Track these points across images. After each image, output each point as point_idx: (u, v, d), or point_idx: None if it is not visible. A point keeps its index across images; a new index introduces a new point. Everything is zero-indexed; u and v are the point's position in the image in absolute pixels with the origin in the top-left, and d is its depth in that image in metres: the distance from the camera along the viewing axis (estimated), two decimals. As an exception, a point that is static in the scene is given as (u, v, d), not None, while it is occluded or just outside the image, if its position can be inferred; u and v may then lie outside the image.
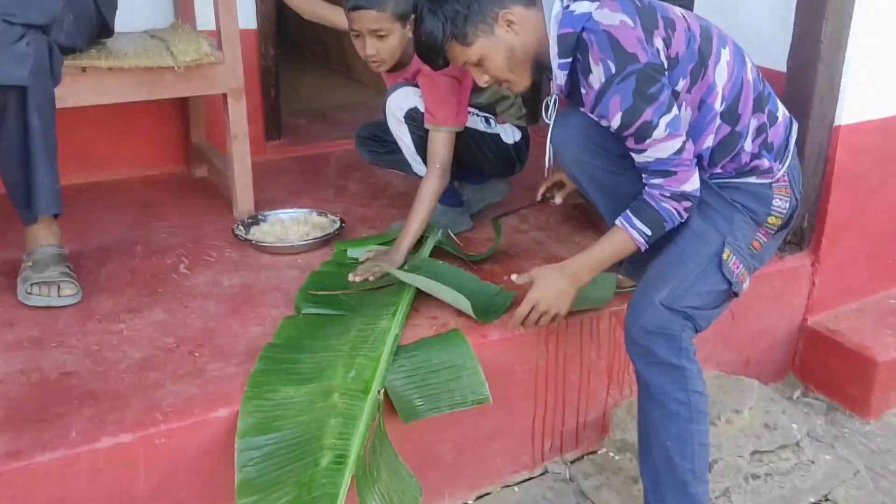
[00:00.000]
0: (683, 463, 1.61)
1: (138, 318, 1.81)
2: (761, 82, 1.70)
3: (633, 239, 1.63)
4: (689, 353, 1.62)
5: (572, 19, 1.57)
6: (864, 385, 2.20)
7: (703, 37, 1.61)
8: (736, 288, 1.68)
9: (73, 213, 2.26)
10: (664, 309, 1.61)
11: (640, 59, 1.52)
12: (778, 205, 1.70)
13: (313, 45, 5.31)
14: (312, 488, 1.38)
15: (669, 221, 1.62)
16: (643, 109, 1.53)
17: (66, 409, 1.47)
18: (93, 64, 2.07)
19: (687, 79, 1.59)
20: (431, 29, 1.62)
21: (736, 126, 1.65)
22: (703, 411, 1.63)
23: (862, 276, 2.38)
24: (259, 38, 2.96)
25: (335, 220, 2.33)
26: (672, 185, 1.59)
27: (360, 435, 1.47)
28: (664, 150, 1.57)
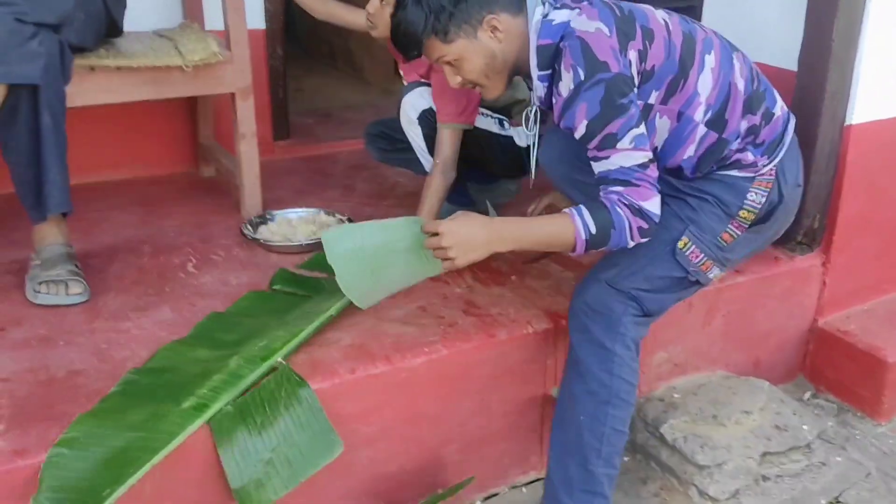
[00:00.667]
0: (592, 441, 1.62)
1: (146, 316, 1.81)
2: (755, 80, 1.65)
3: (575, 229, 1.52)
4: (625, 339, 1.61)
5: (551, 29, 1.54)
6: (875, 386, 2.18)
7: (684, 46, 1.57)
8: (696, 277, 1.67)
9: (81, 212, 2.25)
10: (608, 287, 1.62)
11: (611, 69, 1.47)
12: (753, 199, 1.64)
13: (321, 45, 5.31)
14: (161, 421, 1.43)
15: (618, 231, 1.51)
16: (609, 120, 1.49)
17: (74, 408, 1.46)
18: (102, 63, 2.07)
19: (662, 91, 1.56)
20: (413, 19, 1.57)
21: (723, 133, 1.61)
22: (625, 399, 1.63)
23: (873, 276, 2.36)
24: (267, 38, 2.96)
25: (343, 219, 2.33)
26: (632, 195, 1.51)
27: (232, 392, 1.51)
28: (629, 159, 1.51)
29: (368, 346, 1.70)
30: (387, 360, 1.66)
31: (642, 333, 1.68)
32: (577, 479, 1.64)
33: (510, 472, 1.90)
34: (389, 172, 2.87)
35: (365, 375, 1.63)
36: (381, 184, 2.78)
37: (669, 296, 1.69)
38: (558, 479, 1.66)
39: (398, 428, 1.70)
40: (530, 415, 1.88)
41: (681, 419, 1.93)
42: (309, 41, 5.54)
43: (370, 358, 1.66)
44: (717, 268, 1.69)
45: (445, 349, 1.71)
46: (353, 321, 1.81)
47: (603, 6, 1.54)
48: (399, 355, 1.68)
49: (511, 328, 1.80)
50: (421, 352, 1.70)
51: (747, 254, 1.78)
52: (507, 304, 1.90)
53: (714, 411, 1.95)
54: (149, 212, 2.46)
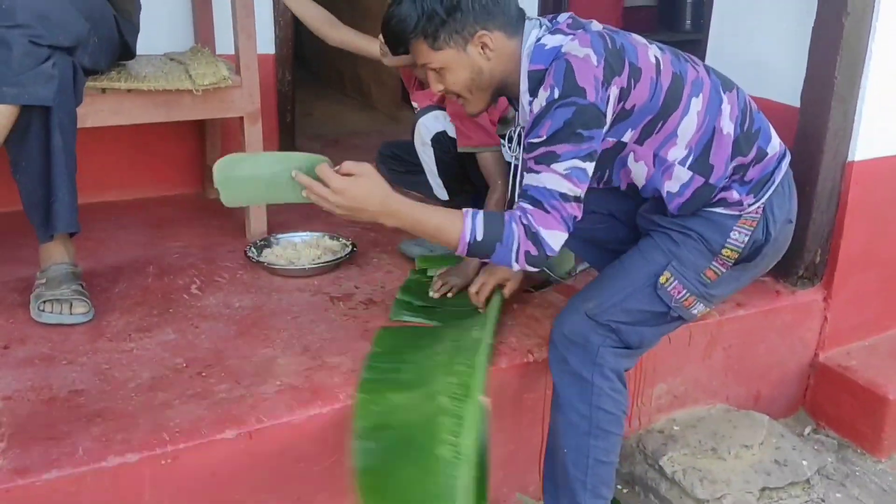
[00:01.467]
0: (576, 473, 1.62)
1: (148, 337, 1.82)
2: (747, 121, 1.63)
3: (462, 229, 1.49)
4: (602, 370, 1.61)
5: (542, 54, 1.52)
6: (875, 423, 2.17)
7: (671, 88, 1.55)
8: (678, 312, 1.66)
9: (87, 232, 2.26)
10: (587, 318, 1.62)
11: (587, 96, 1.45)
12: (736, 238, 1.63)
13: (329, 70, 5.36)
14: (437, 476, 1.43)
15: (504, 246, 1.48)
16: (561, 141, 1.46)
17: (74, 427, 1.47)
18: (113, 85, 2.10)
19: (637, 131, 1.56)
20: (405, 16, 1.54)
21: (710, 178, 1.60)
22: (607, 430, 1.62)
23: (875, 312, 2.36)
24: (277, 63, 3.00)
25: (347, 243, 2.34)
26: (535, 218, 1.48)
27: (470, 435, 1.49)
28: (556, 184, 1.48)
29: (369, 371, 1.71)
30: (387, 386, 1.67)
31: (625, 364, 1.67)
32: None
33: (509, 499, 1.89)
34: (394, 198, 2.89)
35: (365, 401, 1.63)
36: (385, 209, 2.79)
37: (650, 329, 1.67)
38: None
39: (397, 454, 1.70)
40: (529, 443, 1.87)
41: (680, 452, 1.93)
42: (318, 67, 5.59)
43: (371, 384, 1.66)
44: (700, 304, 1.67)
45: (446, 376, 1.72)
46: (355, 346, 1.81)
47: (597, 36, 1.52)
48: (400, 381, 1.68)
49: (512, 356, 1.80)
50: (421, 378, 1.70)
51: (734, 289, 1.77)
52: (508, 332, 1.91)
53: (714, 444, 1.95)
54: (155, 233, 2.47)
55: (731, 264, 1.66)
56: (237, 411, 1.54)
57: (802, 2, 2.07)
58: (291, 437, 1.56)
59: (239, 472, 1.52)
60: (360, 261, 2.31)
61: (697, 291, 1.65)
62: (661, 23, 4.65)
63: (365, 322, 1.95)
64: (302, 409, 1.57)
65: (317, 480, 1.61)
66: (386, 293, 2.11)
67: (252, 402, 1.57)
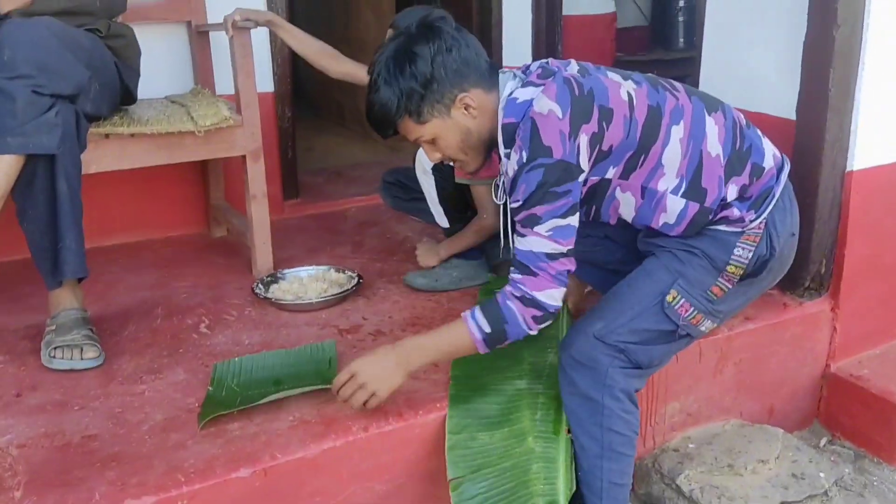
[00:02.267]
0: (591, 497, 1.63)
1: (160, 378, 1.83)
2: (737, 140, 1.64)
3: (470, 332, 1.56)
4: (613, 391, 1.61)
5: (515, 108, 1.54)
6: (891, 431, 2.16)
7: (648, 122, 1.56)
8: (686, 330, 1.66)
9: (95, 276, 2.28)
10: (595, 340, 1.62)
11: (553, 154, 1.48)
12: (740, 254, 1.63)
13: (330, 104, 5.42)
14: None
15: (511, 325, 1.54)
16: (538, 202, 1.49)
17: (89, 473, 1.47)
18: (115, 130, 2.13)
19: (620, 167, 1.57)
20: (385, 101, 1.55)
21: (704, 202, 1.61)
22: (619, 451, 1.62)
23: (883, 320, 2.36)
24: (276, 101, 3.03)
25: (353, 276, 2.35)
26: (527, 285, 1.53)
27: (562, 478, 1.58)
28: (541, 246, 1.52)
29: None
30: (399, 417, 1.66)
31: (635, 385, 1.67)
32: None
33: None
34: (399, 228, 2.91)
35: (378, 433, 1.63)
36: (389, 239, 2.81)
37: (659, 348, 1.67)
38: None
39: (412, 485, 1.69)
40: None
41: (696, 469, 1.91)
42: (318, 101, 5.65)
43: (383, 415, 1.66)
44: (708, 321, 1.68)
45: (458, 404, 1.72)
46: (365, 378, 1.82)
47: (563, 85, 1.52)
48: (412, 412, 1.68)
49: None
50: (433, 407, 1.70)
51: (741, 304, 1.77)
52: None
53: (730, 461, 1.93)
54: (162, 274, 2.49)
55: (737, 280, 1.67)
56: (251, 448, 1.55)
57: (793, 15, 2.09)
58: (306, 472, 1.56)
59: (254, 509, 1.52)
60: (366, 292, 2.32)
61: (704, 308, 1.66)
62: (654, 41, 4.70)
63: (374, 353, 1.95)
64: (315, 443, 1.57)
65: (333, 515, 1.60)
66: (394, 323, 2.12)
67: (265, 438, 1.58)
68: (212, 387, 1.77)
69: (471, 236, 2.28)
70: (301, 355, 1.90)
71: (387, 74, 1.54)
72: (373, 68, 1.58)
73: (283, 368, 1.84)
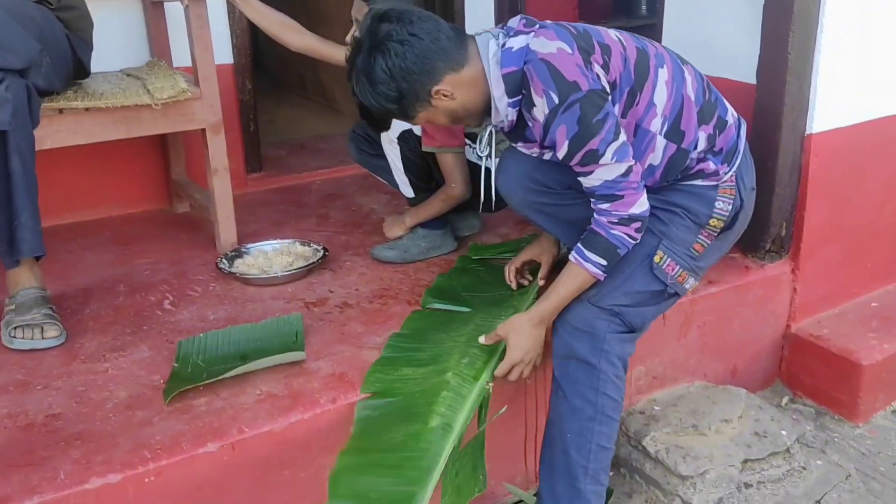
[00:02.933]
0: (579, 458, 1.65)
1: (123, 356, 1.81)
2: (706, 91, 1.71)
3: (588, 272, 1.64)
4: (609, 356, 1.65)
5: (512, 56, 1.56)
6: (850, 389, 2.21)
7: (638, 61, 1.62)
8: (674, 289, 1.72)
9: (54, 254, 2.25)
10: (591, 306, 1.67)
11: (581, 87, 1.51)
12: (721, 207, 1.71)
13: (292, 76, 5.34)
14: (420, 442, 1.52)
15: (623, 247, 1.62)
16: (589, 138, 1.53)
17: (54, 452, 1.46)
18: (70, 105, 2.08)
19: (622, 102, 1.60)
20: (372, 112, 1.63)
21: (682, 143, 1.66)
22: (610, 416, 1.67)
23: (842, 280, 2.41)
24: (236, 73, 2.98)
25: (318, 249, 2.33)
26: (619, 209, 1.59)
27: (465, 412, 1.60)
28: (611, 172, 1.57)
29: (349, 374, 1.71)
30: (367, 388, 1.67)
31: (629, 350, 1.72)
32: (566, 498, 1.66)
33: (497, 492, 1.90)
34: (364, 200, 2.89)
35: (346, 404, 1.63)
36: (355, 212, 2.79)
37: (650, 309, 1.73)
38: (548, 497, 1.68)
39: (382, 455, 1.70)
40: (514, 434, 1.88)
41: (662, 431, 1.95)
42: (280, 73, 5.56)
43: (350, 386, 1.66)
44: (692, 278, 1.74)
45: (425, 374, 1.72)
46: (332, 350, 1.81)
47: (558, 27, 1.58)
48: (379, 382, 1.68)
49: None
50: (401, 377, 1.70)
51: (716, 259, 1.84)
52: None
53: (694, 421, 1.97)
54: (123, 251, 2.45)
55: (717, 234, 1.73)
56: (218, 423, 1.54)
57: (752, -20, 2.10)
58: (275, 446, 1.56)
59: (224, 484, 1.51)
60: (332, 265, 2.31)
61: (688, 266, 1.72)
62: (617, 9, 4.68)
63: (341, 326, 1.95)
64: (283, 416, 1.57)
65: (304, 486, 1.60)
66: (361, 295, 2.11)
67: (232, 413, 1.57)
68: (177, 363, 1.75)
69: (437, 204, 2.28)
70: (267, 329, 1.89)
71: (362, 93, 1.59)
72: (350, 78, 1.61)
73: (250, 343, 1.83)
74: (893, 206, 2.42)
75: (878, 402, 2.26)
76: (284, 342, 1.82)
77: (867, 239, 2.40)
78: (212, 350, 1.80)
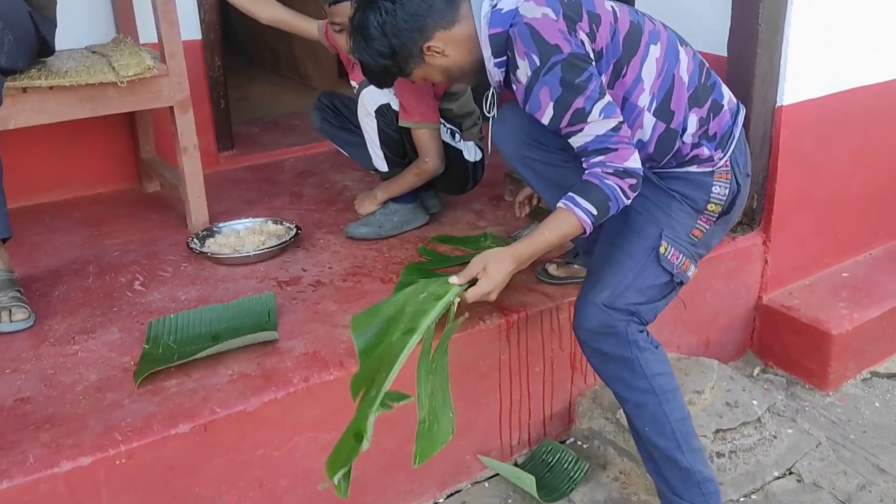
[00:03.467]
0: (668, 443, 1.65)
1: (93, 338, 1.79)
2: (702, 75, 1.71)
3: (578, 219, 1.59)
4: (637, 343, 1.64)
5: (500, 18, 1.59)
6: (820, 358, 2.25)
7: (630, 33, 1.62)
8: (679, 278, 1.71)
9: (22, 236, 2.22)
10: (607, 309, 1.64)
11: (563, 50, 1.53)
12: (718, 192, 1.71)
13: (264, 52, 5.27)
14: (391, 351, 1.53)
15: (615, 200, 1.59)
16: (574, 98, 1.55)
17: (23, 436, 1.44)
18: (33, 84, 2.04)
19: (608, 73, 1.61)
20: (372, 70, 1.68)
21: (671, 123, 1.66)
22: (670, 389, 1.66)
23: (813, 252, 2.43)
24: (205, 49, 2.93)
25: (291, 227, 2.32)
26: (614, 160, 1.58)
27: (429, 320, 1.58)
28: (602, 127, 1.57)
29: (321, 353, 1.71)
30: (341, 366, 1.66)
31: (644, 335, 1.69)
32: (678, 482, 1.67)
33: (472, 467, 1.91)
34: (337, 178, 2.87)
35: (319, 383, 1.63)
36: (328, 189, 2.77)
37: (660, 303, 1.73)
38: (663, 486, 1.70)
39: (356, 432, 1.70)
40: (488, 409, 1.89)
41: (635, 403, 1.96)
42: (253, 49, 5.48)
43: (324, 365, 1.66)
44: (693, 265, 1.74)
45: (399, 351, 1.72)
46: (306, 329, 1.81)
47: None
48: (353, 360, 1.67)
49: (463, 325, 1.81)
50: (374, 355, 1.70)
51: (714, 244, 1.84)
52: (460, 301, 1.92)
53: (667, 393, 1.99)
54: (92, 232, 2.42)
55: (715, 219, 1.74)
56: (189, 404, 1.53)
57: (723, -49, 2.09)
58: (248, 425, 1.55)
59: (197, 464, 1.51)
60: (305, 244, 2.29)
61: (689, 253, 1.72)
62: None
63: (315, 304, 1.94)
64: (256, 396, 1.57)
65: (278, 465, 1.61)
66: (334, 273, 2.11)
67: (204, 394, 1.56)
68: (147, 344, 1.74)
69: (410, 178, 2.27)
70: (239, 308, 1.88)
71: (358, 49, 1.66)
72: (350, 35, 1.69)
73: (222, 322, 1.82)
74: (862, 177, 2.44)
75: (847, 370, 2.30)
76: (257, 322, 1.81)
77: (837, 210, 2.43)
78: (183, 331, 1.79)
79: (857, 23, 2.23)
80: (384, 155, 2.29)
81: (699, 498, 1.66)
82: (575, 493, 1.85)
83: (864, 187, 2.46)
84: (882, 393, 2.28)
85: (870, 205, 2.50)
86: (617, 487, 1.89)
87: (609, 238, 1.72)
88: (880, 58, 2.34)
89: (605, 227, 1.73)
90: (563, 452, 1.94)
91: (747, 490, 1.87)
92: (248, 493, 1.58)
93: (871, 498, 1.86)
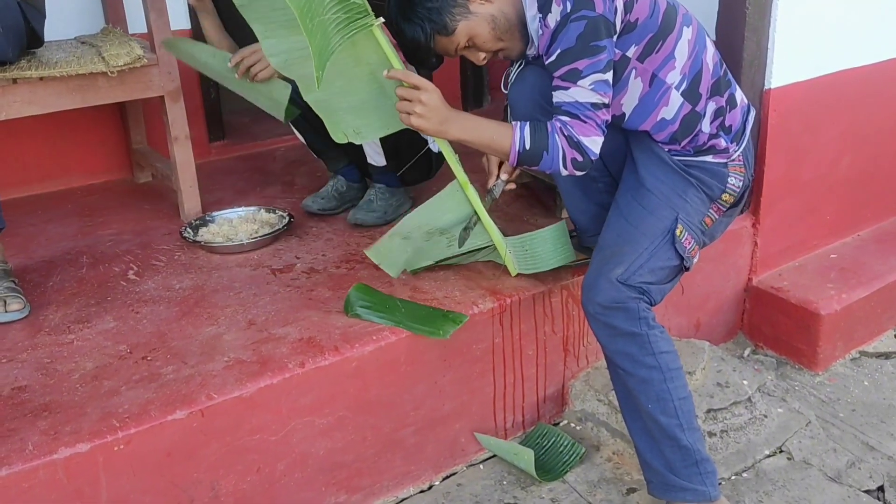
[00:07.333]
0: (669, 420, 1.67)
1: (88, 327, 1.80)
2: (721, 67, 1.74)
3: (513, 140, 1.62)
4: (647, 321, 1.66)
5: None
6: (810, 339, 2.27)
7: (667, 11, 1.64)
8: (687, 263, 1.73)
9: (15, 227, 2.23)
10: (621, 285, 1.65)
11: (596, 8, 1.55)
12: (733, 183, 1.75)
13: (254, 40, 5.23)
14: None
15: (550, 157, 1.60)
16: (579, 57, 1.56)
17: (21, 424, 1.45)
18: (23, 75, 2.04)
19: (641, 46, 1.63)
20: (412, 35, 1.64)
21: (696, 106, 1.68)
22: (675, 367, 1.68)
23: (802, 233, 2.45)
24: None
25: (284, 215, 2.33)
26: (576, 129, 1.59)
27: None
28: (585, 96, 1.58)
29: (317, 338, 1.72)
30: (336, 351, 1.68)
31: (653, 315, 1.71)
32: (678, 460, 1.67)
33: (467, 449, 1.93)
34: (328, 166, 2.88)
35: (314, 368, 1.64)
36: (320, 178, 2.77)
37: (667, 286, 1.74)
38: (661, 465, 1.69)
39: (352, 417, 1.72)
40: (482, 393, 1.91)
41: (627, 385, 1.98)
42: (242, 38, 5.45)
43: (319, 350, 1.67)
44: (698, 253, 1.76)
45: (393, 335, 1.74)
46: (300, 315, 1.82)
47: None
48: (348, 345, 1.69)
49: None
50: (369, 340, 1.71)
51: (719, 234, 1.87)
52: (452, 286, 1.94)
53: (659, 375, 2.01)
54: (86, 222, 2.42)
55: (725, 209, 1.77)
56: (186, 391, 1.54)
57: (710, -65, 2.10)
58: (244, 411, 1.57)
59: (195, 450, 1.52)
60: (298, 231, 2.30)
61: (700, 240, 1.74)
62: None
63: (308, 291, 1.95)
64: (252, 382, 1.58)
65: (275, 450, 1.62)
66: (328, 261, 2.12)
67: (201, 380, 1.57)
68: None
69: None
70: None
71: (401, 12, 1.62)
72: (387, 15, 1.65)
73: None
74: (849, 159, 2.46)
75: (836, 350, 2.32)
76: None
77: (825, 192, 2.45)
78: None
79: (843, 5, 2.25)
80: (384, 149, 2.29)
81: (696, 477, 1.67)
82: (569, 474, 1.88)
83: (852, 169, 2.48)
84: (871, 372, 2.30)
85: (857, 187, 2.53)
86: (610, 468, 1.91)
87: (623, 216, 1.73)
88: (867, 40, 2.36)
89: (617, 205, 1.75)
90: (559, 436, 1.96)
91: (738, 468, 1.90)
92: (246, 478, 1.60)
93: (861, 475, 1.89)
